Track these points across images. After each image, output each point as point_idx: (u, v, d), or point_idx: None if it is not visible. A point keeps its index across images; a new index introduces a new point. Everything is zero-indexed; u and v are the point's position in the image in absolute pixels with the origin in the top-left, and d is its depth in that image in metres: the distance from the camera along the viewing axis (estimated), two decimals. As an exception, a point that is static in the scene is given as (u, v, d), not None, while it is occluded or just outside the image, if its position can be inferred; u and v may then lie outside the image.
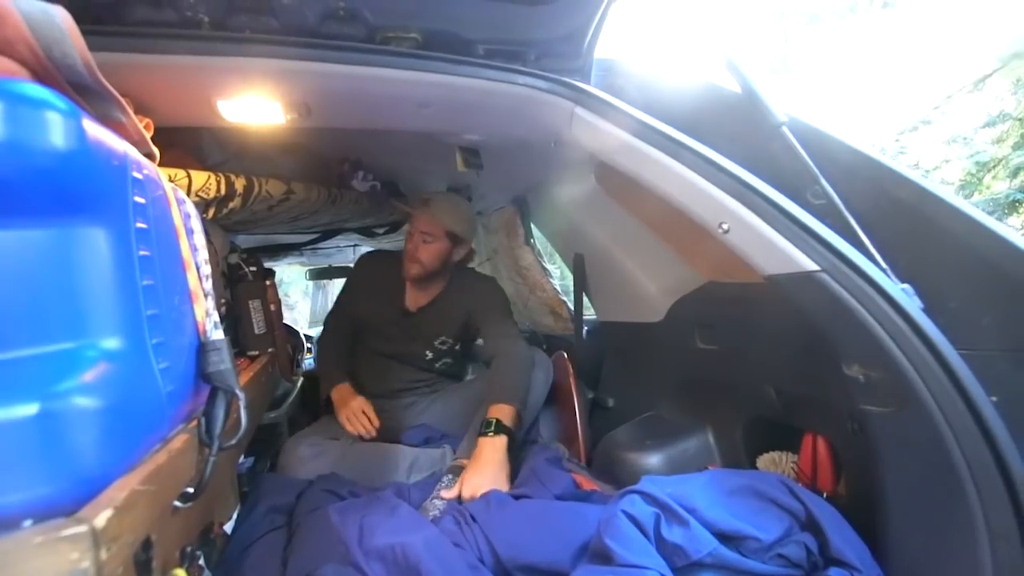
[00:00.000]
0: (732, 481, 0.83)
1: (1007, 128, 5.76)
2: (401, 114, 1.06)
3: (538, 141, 1.21)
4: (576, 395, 1.51)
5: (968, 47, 6.92)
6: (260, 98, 0.90)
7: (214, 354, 0.66)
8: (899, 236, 0.73)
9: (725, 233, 0.83)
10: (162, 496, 0.53)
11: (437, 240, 1.58)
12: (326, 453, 1.40)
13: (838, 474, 1.00)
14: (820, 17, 8.59)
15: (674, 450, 1.24)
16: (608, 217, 1.58)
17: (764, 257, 0.78)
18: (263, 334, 1.48)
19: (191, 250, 0.69)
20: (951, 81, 6.43)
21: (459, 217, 1.61)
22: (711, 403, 1.28)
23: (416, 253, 1.57)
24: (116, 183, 0.52)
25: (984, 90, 6.10)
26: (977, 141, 6.09)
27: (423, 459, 1.48)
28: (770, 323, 1.01)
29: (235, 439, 0.65)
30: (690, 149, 0.87)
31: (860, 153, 0.81)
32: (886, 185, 0.76)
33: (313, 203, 1.43)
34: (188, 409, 0.64)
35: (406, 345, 1.72)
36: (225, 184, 1.09)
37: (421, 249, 1.57)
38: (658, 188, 0.93)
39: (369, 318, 1.73)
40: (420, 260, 1.58)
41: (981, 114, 6.13)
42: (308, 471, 1.36)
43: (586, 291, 1.71)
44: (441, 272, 1.65)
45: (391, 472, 1.42)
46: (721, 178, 0.82)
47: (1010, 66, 5.69)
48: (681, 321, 1.32)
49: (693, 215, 0.87)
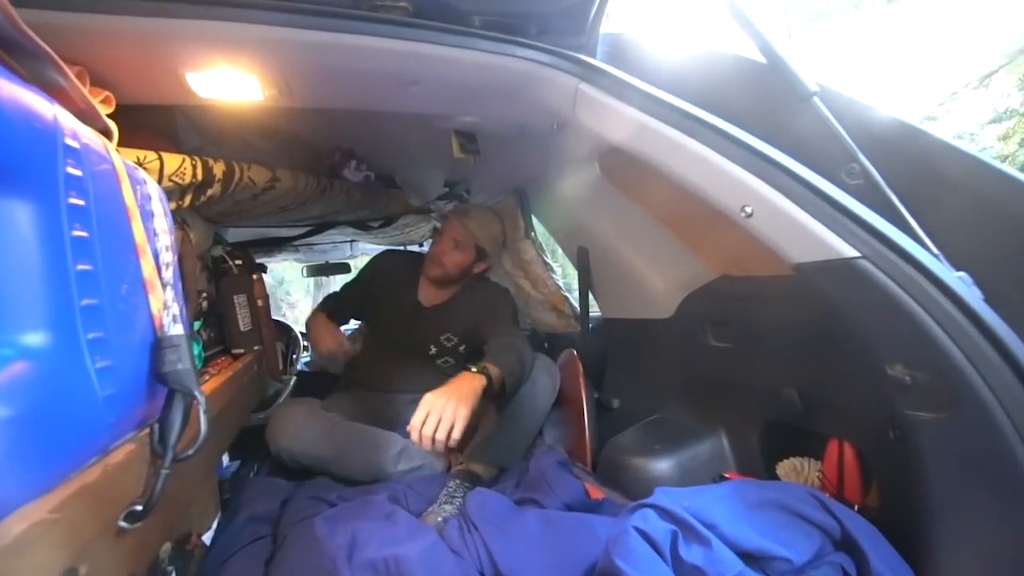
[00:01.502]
0: (756, 493, 0.75)
1: (1013, 125, 5.68)
2: (390, 93, 0.98)
3: (539, 124, 1.12)
4: (585, 396, 1.43)
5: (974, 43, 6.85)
6: (234, 70, 0.81)
7: (170, 352, 0.58)
8: (951, 219, 0.65)
9: (748, 217, 0.75)
10: (96, 518, 0.45)
11: (466, 250, 1.63)
12: (315, 424, 1.37)
13: (866, 484, 0.91)
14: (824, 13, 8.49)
15: (685, 455, 1.15)
16: (613, 209, 1.49)
17: (793, 243, 0.70)
18: (249, 331, 1.40)
19: (148, 235, 0.61)
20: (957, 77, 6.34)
21: (492, 235, 1.68)
22: (724, 405, 1.19)
23: (442, 257, 1.62)
24: (39, 149, 0.44)
25: (990, 86, 6.02)
26: (983, 138, 6.01)
27: (412, 448, 1.40)
28: (793, 319, 0.92)
29: (194, 448, 0.57)
30: (708, 125, 0.79)
31: (903, 124, 0.73)
32: (935, 161, 0.68)
33: (301, 193, 1.35)
34: (140, 415, 0.56)
35: (412, 336, 1.71)
36: (202, 169, 1.00)
37: (448, 254, 1.62)
38: (672, 170, 0.84)
39: (381, 306, 1.75)
40: (444, 264, 1.62)
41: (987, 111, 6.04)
42: (293, 438, 1.34)
43: (590, 287, 1.63)
44: (459, 279, 1.69)
45: (378, 456, 1.35)
46: (743, 156, 0.74)
47: (1016, 62, 5.61)
48: (691, 318, 1.24)
49: (712, 199, 0.79)
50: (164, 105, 1.02)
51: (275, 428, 1.37)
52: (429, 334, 1.70)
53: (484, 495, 1.04)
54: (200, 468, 0.94)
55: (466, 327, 1.69)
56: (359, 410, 1.55)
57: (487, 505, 1.02)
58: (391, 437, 1.41)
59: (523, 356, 1.42)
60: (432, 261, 1.64)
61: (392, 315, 1.73)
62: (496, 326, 1.57)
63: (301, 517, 1.09)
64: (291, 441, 1.33)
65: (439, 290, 1.71)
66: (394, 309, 1.73)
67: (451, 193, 2.04)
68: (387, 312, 1.74)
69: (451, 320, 1.70)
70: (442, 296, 1.72)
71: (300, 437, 1.34)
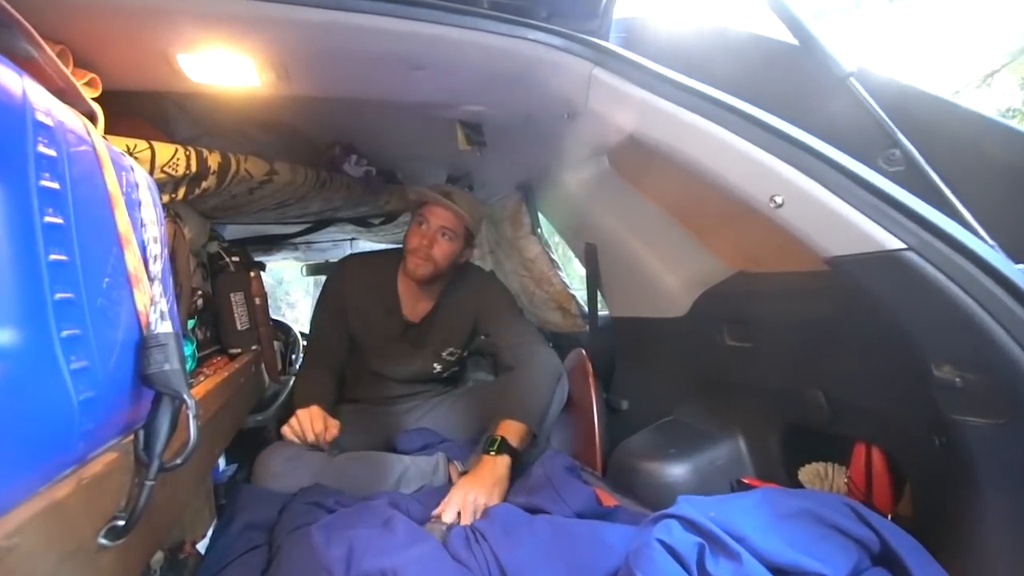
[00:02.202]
0: (787, 503, 0.70)
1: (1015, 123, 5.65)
2: (393, 79, 0.93)
3: (548, 113, 1.08)
4: (596, 399, 1.38)
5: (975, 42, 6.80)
6: (228, 51, 0.76)
7: (157, 351, 0.53)
8: (1006, 208, 0.60)
9: (777, 208, 0.70)
10: (70, 536, 0.40)
11: (457, 238, 1.41)
12: (304, 465, 1.25)
13: (897, 491, 0.87)
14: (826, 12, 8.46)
15: (701, 459, 1.10)
16: (623, 203, 1.44)
17: (828, 235, 0.65)
18: (246, 330, 1.36)
19: (133, 225, 0.56)
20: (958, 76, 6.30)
21: (478, 216, 1.47)
22: (741, 407, 1.14)
23: (431, 250, 1.38)
24: (3, 122, 0.39)
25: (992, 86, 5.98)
26: (987, 136, 5.97)
27: (413, 470, 1.34)
28: (819, 317, 0.87)
29: (182, 457, 0.52)
30: (733, 110, 0.74)
31: (949, 105, 0.68)
32: (985, 145, 0.63)
33: (299, 187, 1.30)
34: (122, 420, 0.51)
35: (411, 361, 1.57)
36: (196, 160, 0.96)
37: (438, 245, 1.38)
38: (693, 160, 0.80)
39: (364, 338, 1.51)
40: (435, 258, 1.39)
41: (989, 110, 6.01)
42: (283, 486, 1.20)
43: (598, 285, 1.58)
44: (446, 273, 1.48)
45: (375, 487, 1.29)
46: (773, 142, 0.69)
47: (1018, 61, 5.58)
48: (706, 316, 1.19)
49: (737, 190, 0.74)
50: (156, 93, 0.98)
51: (261, 473, 1.23)
52: (430, 354, 1.56)
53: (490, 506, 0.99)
54: (194, 473, 0.89)
55: (466, 332, 1.57)
56: (360, 422, 1.48)
57: (494, 513, 0.97)
58: (389, 461, 1.31)
59: (547, 374, 1.31)
60: (419, 258, 1.37)
61: (380, 341, 1.52)
62: (505, 328, 1.46)
63: (298, 524, 1.04)
64: (279, 487, 1.20)
65: (423, 293, 1.50)
66: (380, 336, 1.51)
67: (453, 189, 1.99)
68: (373, 339, 1.51)
69: (450, 329, 1.55)
70: (427, 302, 1.52)
71: (289, 483, 1.21)
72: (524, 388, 1.29)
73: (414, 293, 1.51)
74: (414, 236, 1.40)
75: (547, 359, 1.36)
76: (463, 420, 1.58)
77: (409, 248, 1.40)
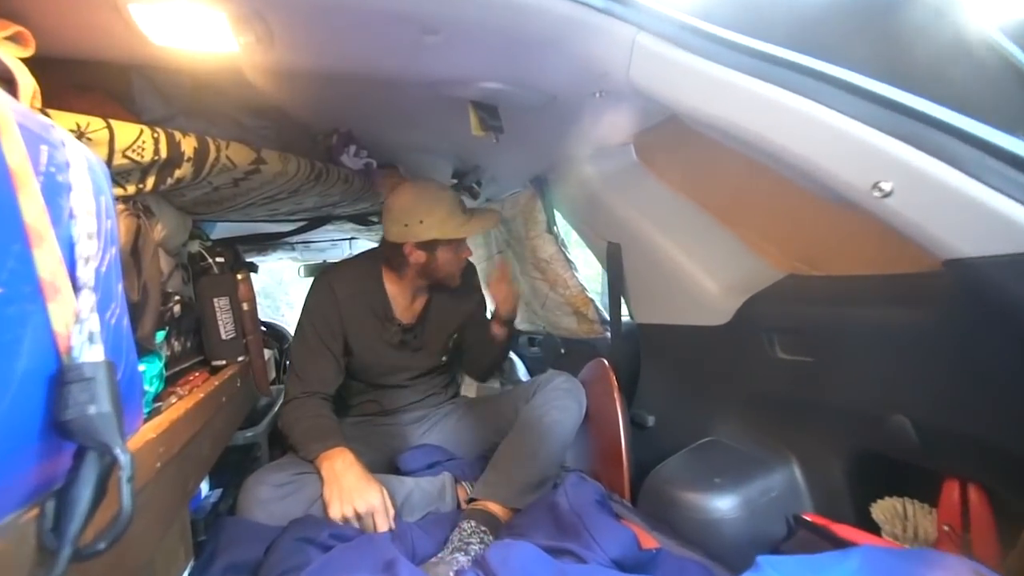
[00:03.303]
0: (894, 566, 0.56)
1: None
2: (399, 47, 0.79)
3: (578, 90, 0.93)
4: (621, 413, 1.24)
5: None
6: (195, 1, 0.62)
7: (79, 389, 0.38)
8: None
9: (883, 198, 0.55)
10: None
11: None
12: (297, 493, 1.10)
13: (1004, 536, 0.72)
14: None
15: (751, 490, 0.96)
16: (651, 198, 1.30)
17: (959, 230, 0.51)
18: (231, 339, 1.21)
19: (53, 216, 0.42)
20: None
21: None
22: (797, 429, 1.00)
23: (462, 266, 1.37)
24: None
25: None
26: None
27: (417, 494, 1.21)
28: (910, 330, 0.73)
29: (106, 542, 0.37)
30: (822, 75, 0.60)
31: None
32: None
33: (291, 179, 1.15)
34: (24, 486, 0.37)
35: (413, 362, 1.45)
36: (167, 143, 0.81)
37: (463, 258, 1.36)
38: (765, 141, 0.65)
39: (362, 352, 1.38)
40: (458, 271, 1.37)
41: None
42: (273, 517, 1.06)
43: (621, 288, 1.44)
44: None
45: None
46: (879, 113, 0.55)
47: None
48: (754, 325, 1.05)
49: (826, 176, 0.60)
50: (121, 65, 0.83)
51: (247, 503, 1.08)
52: (435, 349, 1.47)
53: (508, 548, 0.84)
54: (167, 505, 0.75)
55: (458, 320, 1.49)
56: (361, 438, 1.34)
57: (513, 560, 0.82)
58: (391, 486, 1.17)
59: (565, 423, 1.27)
60: (455, 276, 1.36)
61: (379, 353, 1.39)
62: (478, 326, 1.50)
63: (286, 568, 0.90)
64: (268, 518, 1.06)
65: (415, 292, 1.40)
66: (379, 346, 1.38)
67: (460, 185, 1.83)
68: (372, 352, 1.39)
69: (446, 322, 1.47)
70: (421, 299, 1.42)
71: (279, 513, 1.07)
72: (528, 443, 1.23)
73: (405, 294, 1.40)
74: (453, 262, 1.33)
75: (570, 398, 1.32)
76: (473, 435, 1.45)
77: (452, 272, 1.35)
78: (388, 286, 1.38)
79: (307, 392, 1.28)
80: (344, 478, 1.09)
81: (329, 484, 1.09)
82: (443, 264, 1.31)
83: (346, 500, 1.06)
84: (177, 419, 0.73)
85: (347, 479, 1.09)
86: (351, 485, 1.08)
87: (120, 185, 0.81)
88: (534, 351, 2.23)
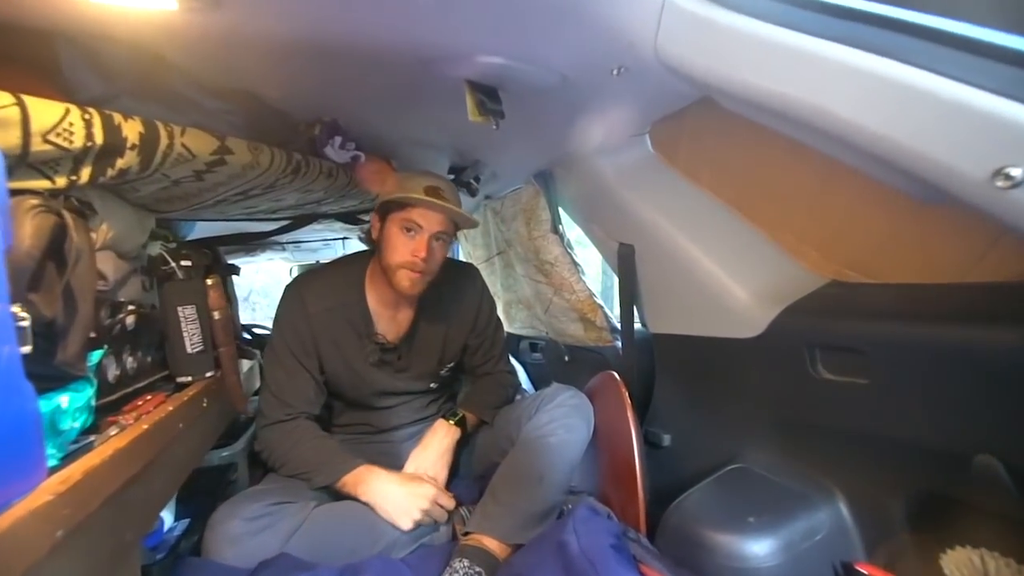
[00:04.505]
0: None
1: None
2: (381, 6, 0.65)
3: (594, 67, 0.80)
4: (635, 434, 1.11)
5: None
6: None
7: None
8: None
9: (1010, 188, 0.42)
10: None
11: (450, 237, 1.20)
12: (273, 527, 0.98)
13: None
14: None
15: (793, 532, 0.83)
16: (669, 194, 1.17)
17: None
18: (198, 353, 1.07)
19: None
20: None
21: (459, 199, 1.25)
22: (843, 461, 0.87)
23: (429, 262, 1.14)
24: None
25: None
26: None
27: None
28: (1007, 352, 0.60)
29: None
30: (919, 27, 0.46)
31: None
32: None
33: (265, 172, 1.02)
34: None
35: (399, 384, 1.31)
36: (103, 127, 0.68)
37: (433, 254, 1.15)
38: (838, 121, 0.52)
39: (339, 372, 1.24)
40: (431, 270, 1.17)
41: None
42: (244, 556, 0.93)
43: (634, 294, 1.30)
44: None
45: (366, 548, 1.02)
46: (1011, 75, 0.41)
47: None
48: (792, 339, 0.91)
49: (927, 161, 0.47)
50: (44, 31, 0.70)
51: (214, 541, 0.96)
52: (425, 372, 1.33)
53: None
54: (108, 545, 0.61)
55: (459, 341, 1.35)
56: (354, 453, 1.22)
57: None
58: (378, 519, 1.06)
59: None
60: (410, 271, 1.13)
61: (357, 374, 1.25)
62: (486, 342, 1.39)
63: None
64: (237, 559, 0.94)
65: (400, 306, 1.25)
66: (356, 366, 1.24)
67: (457, 181, 1.70)
68: (348, 373, 1.25)
69: (438, 346, 1.31)
70: (406, 314, 1.26)
71: (250, 551, 0.95)
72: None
73: (389, 308, 1.25)
74: (401, 247, 1.13)
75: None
76: (471, 454, 1.32)
77: (396, 262, 1.14)
78: (370, 295, 1.24)
79: (291, 415, 1.17)
80: (392, 490, 1.08)
81: (382, 503, 1.07)
82: (390, 242, 1.14)
83: (412, 508, 1.06)
84: (101, 463, 0.59)
85: (395, 490, 1.08)
86: (405, 492, 1.08)
87: (45, 176, 0.67)
88: (536, 357, 2.10)
